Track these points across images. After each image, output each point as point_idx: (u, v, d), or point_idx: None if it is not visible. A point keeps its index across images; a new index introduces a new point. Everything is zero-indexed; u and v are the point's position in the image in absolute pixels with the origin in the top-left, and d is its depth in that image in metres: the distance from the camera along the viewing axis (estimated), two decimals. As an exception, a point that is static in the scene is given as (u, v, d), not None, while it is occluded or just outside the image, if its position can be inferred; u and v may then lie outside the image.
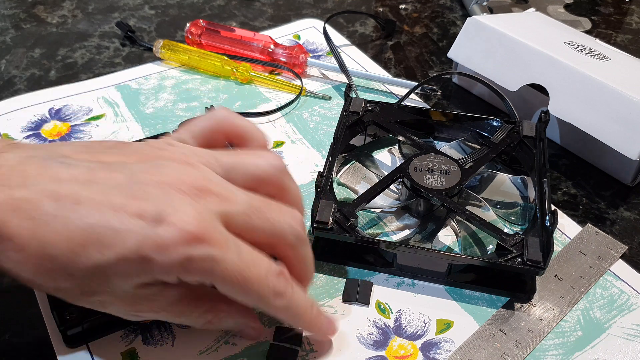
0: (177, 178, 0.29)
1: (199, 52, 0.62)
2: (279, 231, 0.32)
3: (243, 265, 0.29)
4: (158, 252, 0.27)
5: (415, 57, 0.67)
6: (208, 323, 0.33)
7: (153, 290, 0.30)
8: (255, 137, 0.37)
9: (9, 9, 0.72)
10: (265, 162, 0.33)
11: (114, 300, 0.30)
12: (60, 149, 0.30)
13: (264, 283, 0.30)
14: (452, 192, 0.44)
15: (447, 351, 0.38)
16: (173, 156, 0.31)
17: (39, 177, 0.28)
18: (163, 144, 0.33)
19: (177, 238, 0.27)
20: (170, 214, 0.28)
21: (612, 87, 0.48)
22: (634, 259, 0.45)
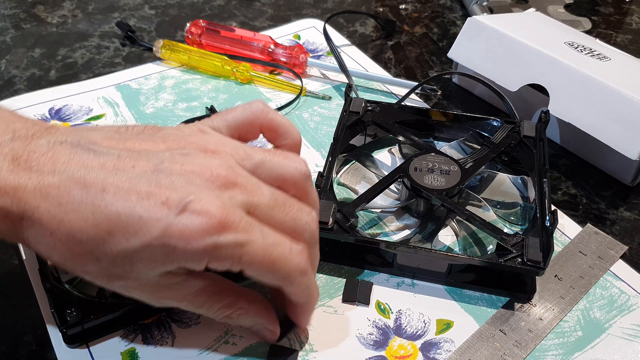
0: (204, 167, 0.30)
1: (199, 52, 0.62)
2: (298, 227, 0.32)
3: (269, 246, 0.30)
4: (182, 240, 0.28)
5: (415, 57, 0.67)
6: (227, 317, 0.34)
7: (177, 279, 0.30)
8: (290, 134, 0.37)
9: (9, 8, 0.72)
10: (293, 165, 0.34)
11: (138, 285, 0.30)
12: (91, 135, 0.31)
13: (289, 261, 0.31)
14: (452, 192, 0.44)
15: (447, 351, 0.38)
16: (202, 145, 0.31)
17: (69, 163, 0.29)
18: (195, 130, 0.33)
19: (201, 227, 0.28)
20: (194, 202, 0.28)
21: (612, 87, 0.48)
22: (634, 259, 0.45)
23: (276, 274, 0.31)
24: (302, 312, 0.36)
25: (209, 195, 0.29)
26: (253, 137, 0.37)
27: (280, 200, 0.32)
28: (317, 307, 0.40)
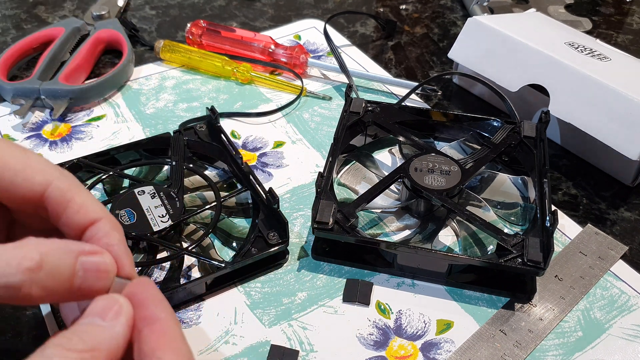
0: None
1: (199, 53, 0.62)
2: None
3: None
4: None
5: (415, 57, 0.67)
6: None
7: None
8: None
9: (10, 9, 0.72)
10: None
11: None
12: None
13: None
14: (452, 192, 0.44)
15: (447, 351, 0.38)
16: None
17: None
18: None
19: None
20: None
21: (612, 88, 0.48)
22: (634, 260, 0.45)
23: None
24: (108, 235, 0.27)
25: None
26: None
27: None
28: (317, 307, 0.40)
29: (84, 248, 0.25)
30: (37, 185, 0.26)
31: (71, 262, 0.25)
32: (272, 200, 0.42)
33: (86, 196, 0.27)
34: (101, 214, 0.27)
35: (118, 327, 0.24)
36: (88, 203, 0.27)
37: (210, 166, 0.50)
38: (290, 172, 0.51)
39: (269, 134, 0.55)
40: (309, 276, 0.42)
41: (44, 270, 0.24)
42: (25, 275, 0.23)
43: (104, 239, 0.27)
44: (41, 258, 0.24)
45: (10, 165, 0.26)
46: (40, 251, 0.24)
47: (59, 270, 0.24)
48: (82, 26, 0.65)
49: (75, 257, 0.25)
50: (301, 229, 0.46)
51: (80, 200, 0.27)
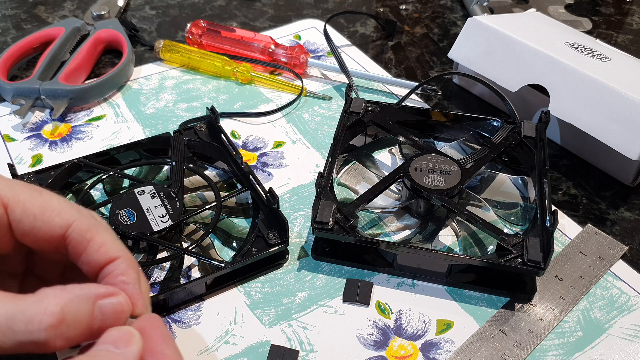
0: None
1: (199, 53, 0.62)
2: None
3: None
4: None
5: (415, 57, 0.67)
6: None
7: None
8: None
9: (10, 9, 0.72)
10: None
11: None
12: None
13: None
14: (452, 192, 0.44)
15: (447, 351, 0.38)
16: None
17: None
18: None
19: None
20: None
21: (612, 88, 0.48)
22: (635, 260, 0.45)
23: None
24: (127, 282, 0.28)
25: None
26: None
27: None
28: (317, 307, 0.40)
29: (100, 291, 0.26)
30: (58, 228, 0.27)
31: (90, 309, 0.25)
32: (272, 200, 0.42)
33: (105, 235, 0.28)
34: (119, 253, 0.28)
35: (130, 354, 0.25)
36: (107, 242, 0.28)
37: (210, 166, 0.50)
38: (290, 172, 0.51)
39: (269, 134, 0.55)
40: (309, 276, 0.42)
41: (65, 323, 0.24)
42: (49, 332, 0.24)
43: (120, 277, 0.27)
44: (62, 311, 0.24)
45: (29, 210, 0.26)
46: (60, 304, 0.24)
47: (79, 319, 0.25)
48: (82, 26, 0.65)
49: (93, 302, 0.25)
50: (301, 229, 0.46)
51: (99, 239, 0.27)
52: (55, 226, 0.27)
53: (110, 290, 0.26)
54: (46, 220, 0.27)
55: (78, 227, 0.27)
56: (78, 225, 0.27)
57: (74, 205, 0.28)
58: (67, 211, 0.27)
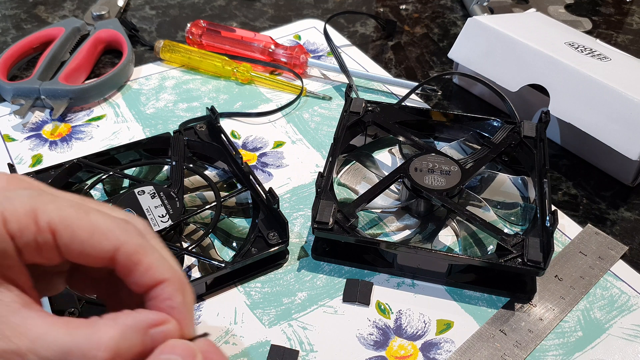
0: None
1: (199, 53, 0.62)
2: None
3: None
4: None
5: (415, 57, 0.67)
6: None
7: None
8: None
9: (10, 9, 0.72)
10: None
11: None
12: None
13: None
14: (452, 192, 0.44)
15: (447, 351, 0.38)
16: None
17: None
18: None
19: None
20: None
21: (612, 88, 0.48)
22: (634, 260, 0.45)
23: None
24: (175, 303, 0.28)
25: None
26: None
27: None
28: (317, 307, 0.40)
29: (151, 319, 0.26)
30: (106, 252, 0.27)
31: (142, 339, 0.25)
32: (272, 200, 0.42)
33: (152, 257, 0.27)
34: (166, 275, 0.27)
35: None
36: (154, 264, 0.27)
37: (210, 166, 0.50)
38: (290, 172, 0.51)
39: (269, 134, 0.55)
40: (309, 276, 0.42)
41: (118, 356, 0.24)
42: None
43: (167, 301, 0.27)
44: (116, 345, 0.24)
45: (77, 236, 0.26)
46: (114, 337, 0.24)
47: (132, 350, 0.25)
48: (82, 26, 0.65)
49: (145, 332, 0.25)
50: (301, 229, 0.46)
51: (147, 262, 0.27)
52: (102, 250, 0.27)
53: (162, 318, 0.26)
54: (94, 244, 0.26)
55: (125, 250, 0.27)
56: (125, 249, 0.27)
57: (121, 224, 0.27)
58: (114, 233, 0.27)
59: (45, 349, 0.24)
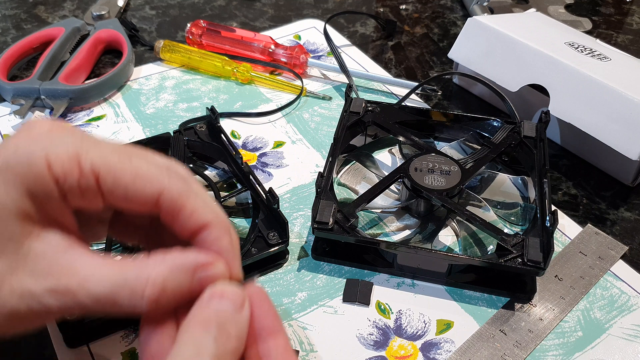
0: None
1: (199, 53, 0.62)
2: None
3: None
4: None
5: (415, 57, 0.67)
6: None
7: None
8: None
9: (10, 9, 0.72)
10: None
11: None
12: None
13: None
14: (452, 192, 0.44)
15: (447, 351, 0.38)
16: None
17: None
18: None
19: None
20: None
21: (612, 88, 0.48)
22: (635, 260, 0.45)
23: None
24: (223, 245, 0.28)
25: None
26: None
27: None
28: (317, 307, 0.40)
29: (199, 260, 0.26)
30: (149, 197, 0.27)
31: (190, 280, 0.25)
32: (272, 200, 0.42)
33: (196, 201, 0.27)
34: (212, 218, 0.27)
35: (242, 320, 0.25)
36: (198, 208, 0.27)
37: (210, 166, 0.50)
38: (290, 172, 0.51)
39: (269, 134, 0.55)
40: (309, 276, 0.42)
41: (165, 294, 0.25)
42: (151, 304, 0.24)
43: (215, 244, 0.27)
44: (163, 283, 0.24)
45: (121, 180, 0.26)
46: (162, 275, 0.25)
47: (179, 290, 0.25)
48: (82, 26, 0.65)
49: (193, 274, 0.25)
50: (301, 229, 0.46)
51: (191, 206, 0.27)
52: (146, 195, 0.26)
53: (210, 259, 0.26)
54: (138, 189, 0.26)
55: (169, 194, 0.27)
56: (169, 193, 0.27)
57: (163, 169, 0.27)
58: (157, 178, 0.27)
59: (95, 285, 0.24)
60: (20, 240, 0.25)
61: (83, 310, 0.25)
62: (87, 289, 0.24)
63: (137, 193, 0.26)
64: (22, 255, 0.25)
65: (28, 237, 0.25)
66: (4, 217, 0.25)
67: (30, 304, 0.24)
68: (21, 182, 0.25)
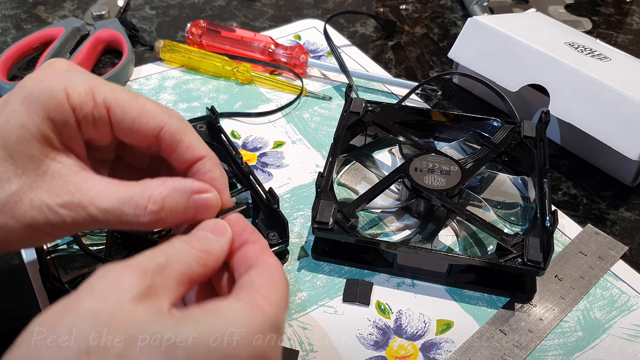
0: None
1: (199, 53, 0.62)
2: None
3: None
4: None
5: (415, 57, 0.67)
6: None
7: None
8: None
9: (10, 9, 0.72)
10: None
11: None
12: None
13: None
14: (452, 192, 0.44)
15: (447, 351, 0.38)
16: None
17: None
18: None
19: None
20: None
21: (612, 88, 0.48)
22: (634, 260, 0.45)
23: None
24: (212, 176, 0.31)
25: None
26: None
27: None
28: (317, 307, 0.40)
29: (194, 186, 0.30)
30: (152, 129, 0.30)
31: (186, 201, 0.29)
32: (272, 200, 0.42)
33: (193, 137, 0.31)
34: (205, 152, 0.31)
35: (224, 241, 0.29)
36: (195, 143, 0.31)
37: (210, 166, 0.50)
38: (290, 172, 0.51)
39: (269, 134, 0.55)
40: (309, 276, 0.42)
41: (164, 211, 0.29)
42: (152, 217, 0.28)
43: (208, 173, 0.31)
44: (163, 200, 0.28)
45: (128, 113, 0.30)
46: (162, 194, 0.29)
47: (177, 209, 0.29)
48: (82, 26, 0.65)
49: (189, 196, 0.29)
50: (301, 229, 0.46)
51: (188, 140, 0.31)
52: (150, 128, 0.30)
53: (204, 187, 0.30)
54: (143, 122, 0.30)
55: (169, 129, 0.31)
56: (169, 128, 0.31)
57: (165, 109, 0.31)
58: (159, 115, 0.31)
59: (104, 201, 0.28)
60: (40, 160, 0.28)
61: (93, 224, 0.28)
62: (98, 204, 0.28)
63: (141, 126, 0.30)
64: (41, 174, 0.28)
65: (46, 158, 0.28)
66: (27, 139, 0.28)
67: (47, 216, 0.28)
68: (43, 109, 0.28)
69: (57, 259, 0.41)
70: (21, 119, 0.28)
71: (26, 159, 0.28)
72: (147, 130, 0.30)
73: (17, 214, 0.28)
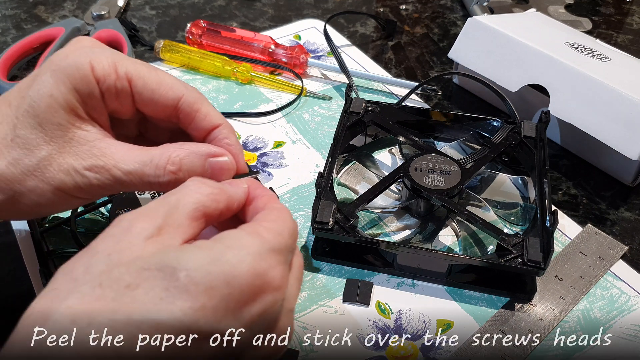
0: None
1: (199, 53, 0.62)
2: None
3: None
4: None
5: (415, 57, 0.67)
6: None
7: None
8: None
9: (10, 9, 0.72)
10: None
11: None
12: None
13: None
14: (452, 192, 0.44)
15: (447, 351, 0.38)
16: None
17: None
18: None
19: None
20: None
21: (612, 88, 0.48)
22: (635, 260, 0.45)
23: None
24: (229, 142, 0.34)
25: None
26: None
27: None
28: (317, 307, 0.40)
29: (210, 150, 0.32)
30: (170, 100, 0.33)
31: (202, 163, 0.32)
32: (272, 200, 0.42)
33: (209, 106, 0.34)
34: (221, 121, 0.34)
35: (240, 190, 0.31)
36: (211, 112, 0.34)
37: (210, 166, 0.50)
38: (290, 172, 0.51)
39: (269, 134, 0.55)
40: (309, 276, 0.42)
41: (182, 171, 0.31)
42: (171, 176, 0.31)
43: (224, 140, 0.33)
44: (181, 161, 0.31)
45: (148, 85, 0.32)
46: (180, 156, 0.31)
47: (193, 170, 0.31)
48: (82, 26, 0.65)
49: (205, 159, 0.32)
50: (301, 229, 0.46)
51: (204, 110, 0.33)
52: (169, 99, 0.33)
53: (219, 151, 0.32)
54: (162, 93, 0.32)
55: (187, 99, 0.33)
56: (187, 98, 0.33)
57: (182, 82, 0.33)
58: (177, 86, 0.33)
59: (127, 163, 0.31)
60: (67, 128, 0.31)
61: (118, 185, 0.31)
62: (121, 166, 0.31)
63: (161, 97, 0.32)
64: (68, 140, 0.31)
65: (73, 126, 0.31)
66: (55, 108, 0.30)
67: (74, 178, 0.31)
68: (70, 80, 0.30)
69: (57, 259, 0.41)
70: (50, 89, 0.30)
71: (54, 127, 0.30)
72: (166, 101, 0.33)
73: (47, 177, 0.30)
